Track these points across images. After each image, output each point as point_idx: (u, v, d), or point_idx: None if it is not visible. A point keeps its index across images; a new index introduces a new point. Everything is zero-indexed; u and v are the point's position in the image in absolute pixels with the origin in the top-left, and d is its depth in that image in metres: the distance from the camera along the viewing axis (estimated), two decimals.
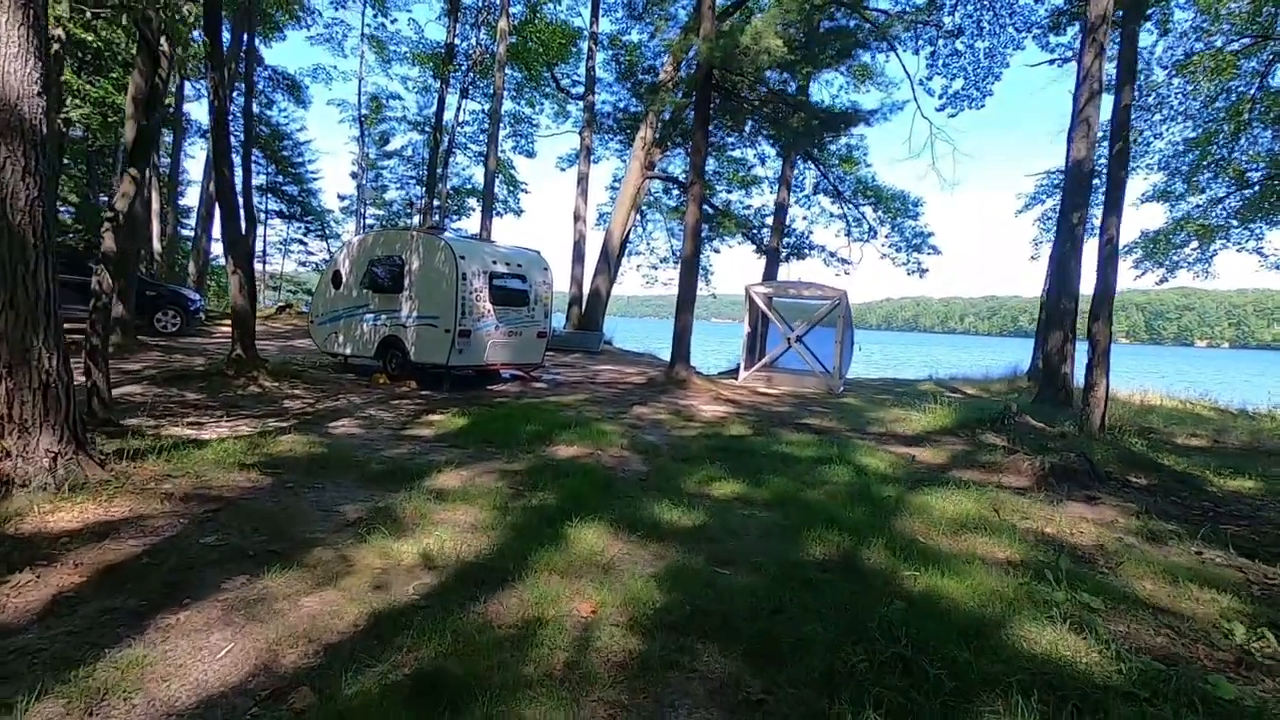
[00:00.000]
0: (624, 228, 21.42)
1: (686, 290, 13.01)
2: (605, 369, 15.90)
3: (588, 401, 10.36)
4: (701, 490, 5.63)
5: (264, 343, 17.11)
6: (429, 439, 6.96)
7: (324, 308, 12.26)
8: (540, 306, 11.88)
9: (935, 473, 6.75)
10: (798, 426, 9.09)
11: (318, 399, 9.11)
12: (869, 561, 4.16)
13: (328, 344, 12.20)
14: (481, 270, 10.72)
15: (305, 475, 4.92)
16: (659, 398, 11.18)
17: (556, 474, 5.60)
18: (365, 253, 11.67)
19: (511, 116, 26.47)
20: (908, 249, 24.52)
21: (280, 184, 33.98)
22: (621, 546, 4.13)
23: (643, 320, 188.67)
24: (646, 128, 21.23)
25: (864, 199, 24.56)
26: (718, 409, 10.35)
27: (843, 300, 13.39)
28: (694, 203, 12.88)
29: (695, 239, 12.98)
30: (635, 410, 9.75)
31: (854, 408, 11.36)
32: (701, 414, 9.77)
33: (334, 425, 7.35)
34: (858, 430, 8.99)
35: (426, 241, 10.79)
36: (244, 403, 8.43)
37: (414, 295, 10.81)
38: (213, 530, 3.67)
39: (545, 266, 12.15)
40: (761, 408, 10.85)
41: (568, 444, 6.94)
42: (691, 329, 13.09)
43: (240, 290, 9.73)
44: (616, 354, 20.81)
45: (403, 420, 7.94)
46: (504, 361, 11.38)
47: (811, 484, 6.00)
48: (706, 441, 7.63)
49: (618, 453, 6.85)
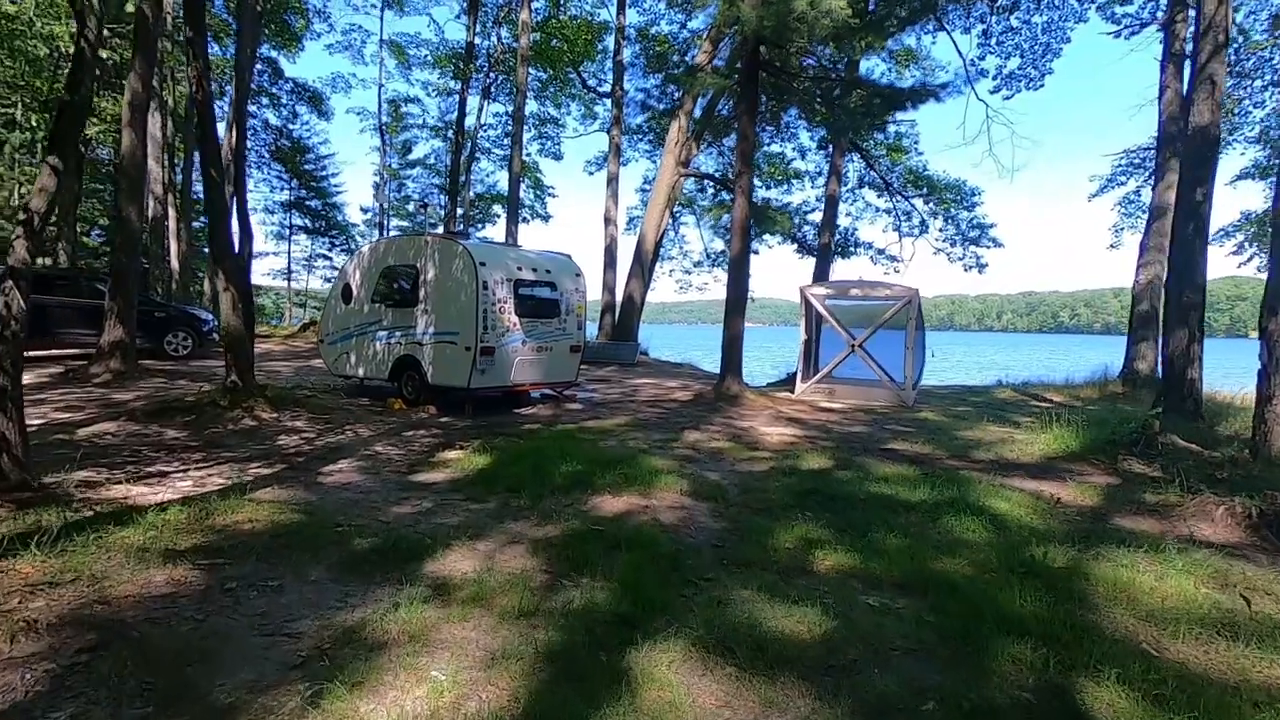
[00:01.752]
0: (658, 229, 20.02)
1: (736, 294, 11.52)
2: (644, 383, 14.47)
3: (630, 426, 8.93)
4: (801, 562, 4.15)
5: (282, 364, 16.09)
6: (441, 487, 5.59)
7: (334, 325, 11.06)
8: (573, 317, 10.51)
9: (1095, 522, 5.16)
10: (885, 453, 7.53)
11: (319, 433, 7.83)
12: (1101, 706, 2.65)
13: (338, 365, 10.99)
14: (505, 278, 9.39)
15: (261, 563, 3.56)
16: (711, 418, 9.70)
17: (604, 544, 4.18)
18: (376, 263, 10.43)
19: (536, 118, 25.38)
20: (963, 242, 22.72)
21: (305, 199, 33.39)
22: (715, 691, 2.67)
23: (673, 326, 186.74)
24: (679, 122, 19.83)
25: (914, 190, 22.81)
26: (782, 432, 8.84)
27: (914, 300, 11.77)
28: (742, 195, 11.40)
29: (744, 236, 11.49)
30: (687, 436, 8.29)
31: (939, 425, 9.73)
32: (765, 439, 8.27)
33: (329, 470, 6.03)
34: (960, 457, 7.40)
35: (442, 247, 9.50)
36: (231, 441, 7.18)
37: (430, 309, 9.52)
38: (70, 698, 2.32)
39: (577, 272, 10.78)
40: (832, 428, 9.30)
41: (613, 491, 5.51)
42: (743, 338, 11.59)
43: (234, 310, 8.53)
44: (654, 366, 19.38)
45: (412, 460, 6.59)
46: (533, 381, 10.02)
47: (942, 546, 4.48)
48: (784, 480, 6.13)
49: (676, 500, 5.40)
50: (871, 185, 23.73)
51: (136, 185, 12.34)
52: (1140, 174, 17.79)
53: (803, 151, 24.50)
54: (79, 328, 13.77)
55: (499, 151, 26.47)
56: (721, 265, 29.35)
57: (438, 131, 26.41)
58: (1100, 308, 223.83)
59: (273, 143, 29.73)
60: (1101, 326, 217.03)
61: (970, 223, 21.99)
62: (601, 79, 24.92)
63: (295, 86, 29.36)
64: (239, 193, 9.15)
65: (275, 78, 28.26)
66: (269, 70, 28.31)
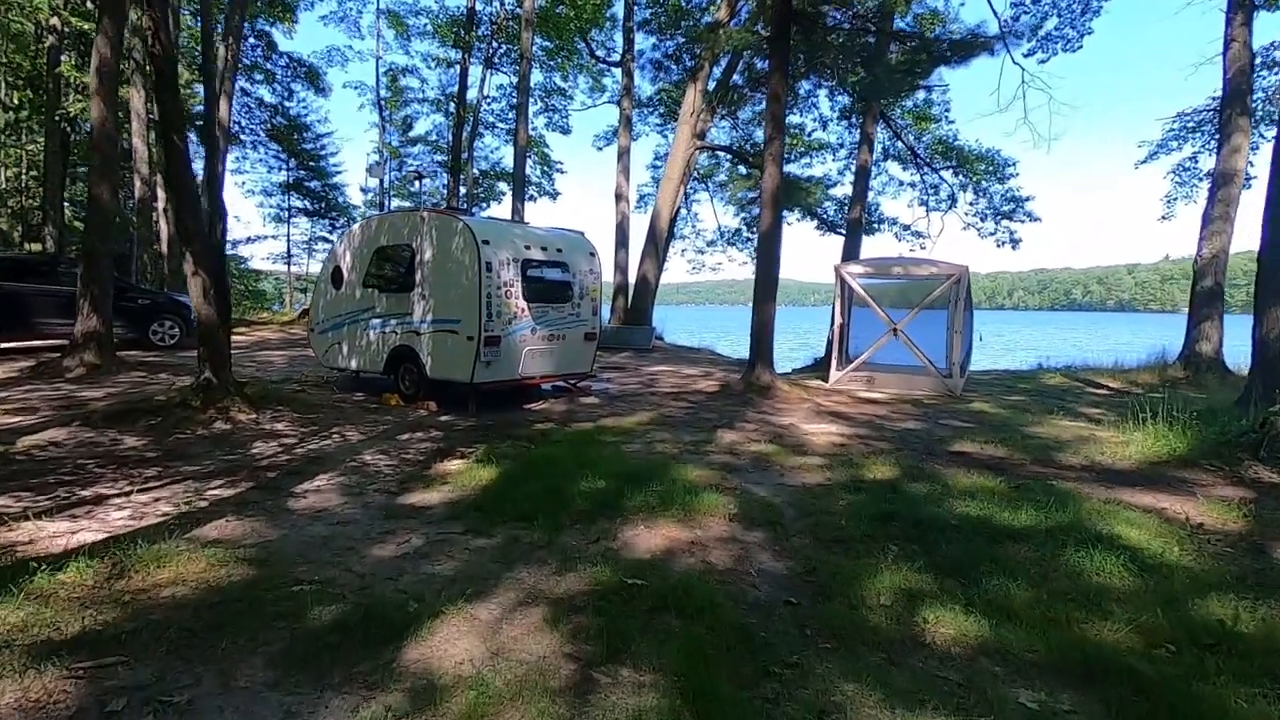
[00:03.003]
0: (673, 205, 18.85)
1: (766, 273, 10.40)
2: (663, 371, 13.42)
3: (655, 424, 7.89)
4: (909, 628, 3.11)
5: (277, 353, 15.12)
6: (436, 514, 4.57)
7: (324, 313, 10.05)
8: (587, 301, 9.45)
9: (1257, 557, 4.09)
10: (955, 458, 6.46)
11: (301, 438, 6.84)
12: None
13: (330, 357, 9.98)
14: (511, 258, 8.32)
15: (173, 657, 2.55)
16: (744, 414, 8.65)
17: (646, 604, 3.16)
18: (368, 243, 9.38)
19: (542, 90, 24.02)
20: (995, 216, 21.42)
21: (304, 180, 32.27)
22: None
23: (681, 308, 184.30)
24: (694, 92, 18.57)
25: (943, 161, 21.47)
26: (828, 430, 7.78)
27: (963, 277, 10.63)
28: (773, 163, 10.25)
29: (775, 209, 10.35)
30: (722, 436, 7.25)
31: (1000, 419, 8.65)
32: (812, 440, 7.22)
33: (302, 491, 5.03)
34: (1046, 462, 6.32)
35: (440, 224, 8.42)
36: (197, 450, 6.19)
37: (427, 294, 8.48)
38: None
39: (591, 251, 9.70)
40: (882, 424, 8.24)
41: (646, 517, 4.48)
42: (774, 323, 10.49)
43: (205, 297, 7.51)
44: (670, 351, 18.33)
45: (404, 474, 5.58)
46: (544, 373, 9.00)
47: (1081, 598, 3.44)
48: (850, 498, 5.08)
49: (725, 529, 4.38)
50: (896, 157, 22.39)
51: (109, 161, 11.28)
52: (1197, 138, 16.46)
53: (823, 122, 23.15)
54: (60, 318, 12.82)
55: (503, 125, 25.23)
56: (736, 244, 28.17)
57: (439, 105, 25.14)
58: (1114, 284, 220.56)
59: (268, 120, 28.54)
60: (1115, 303, 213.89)
61: (1004, 195, 20.67)
62: (611, 48, 23.59)
63: (290, 61, 28.11)
64: (211, 166, 8.10)
65: (269, 52, 27.04)
66: (263, 44, 27.10)
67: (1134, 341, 46.06)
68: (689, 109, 18.59)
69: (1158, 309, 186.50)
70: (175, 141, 7.31)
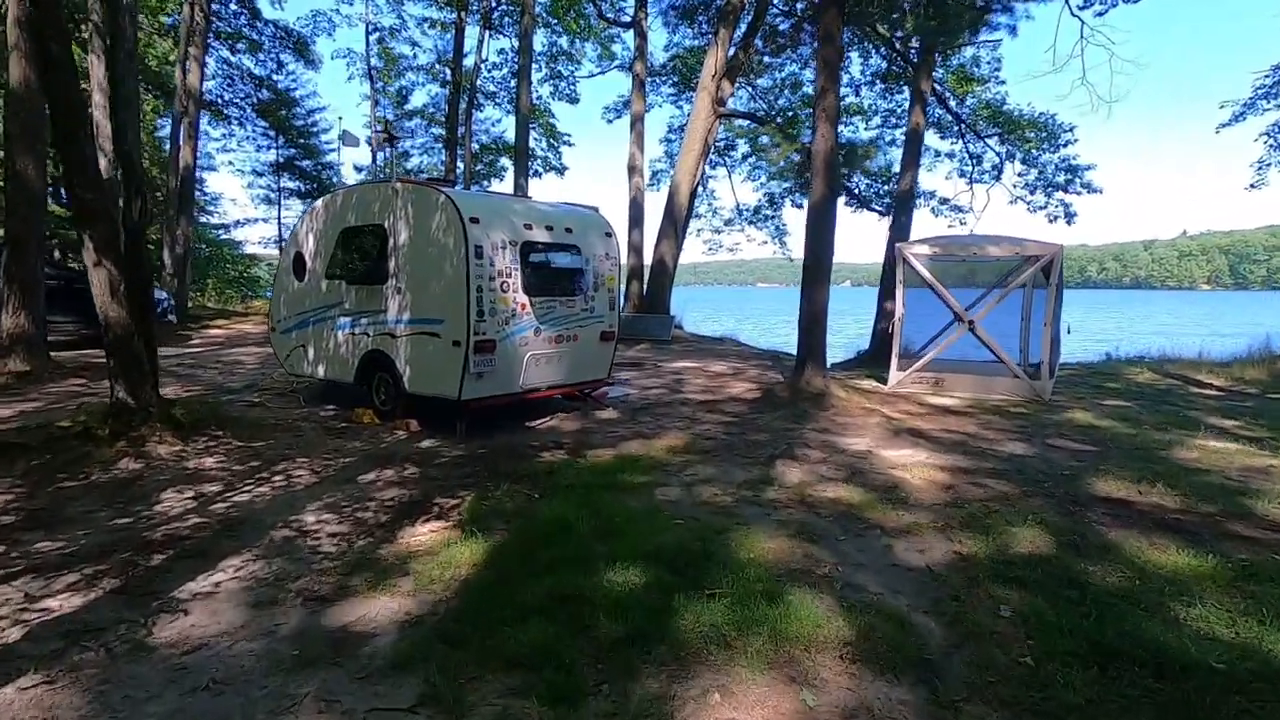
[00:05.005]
0: (693, 179, 17.00)
1: (817, 253, 8.61)
2: (687, 368, 11.68)
3: (693, 452, 6.18)
4: None
5: (252, 350, 13.32)
6: (378, 654, 2.88)
7: (285, 309, 8.35)
8: (604, 292, 7.71)
9: None
10: (1112, 510, 4.70)
11: (231, 482, 5.16)
12: None
13: (293, 362, 8.31)
14: (508, 240, 6.58)
15: None
16: (802, 432, 6.93)
17: None
18: (333, 222, 7.65)
19: (547, 55, 21.97)
20: (1047, 188, 19.39)
21: (295, 158, 30.45)
22: None
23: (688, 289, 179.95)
24: (717, 49, 16.61)
25: (990, 127, 19.42)
26: (916, 458, 6.04)
27: (1056, 259, 8.80)
28: (825, 121, 8.41)
29: (829, 175, 8.51)
30: (785, 472, 5.53)
31: (1122, 437, 6.88)
32: (903, 476, 5.48)
33: (190, 595, 3.36)
34: (1239, 516, 4.56)
35: (417, 197, 6.67)
36: (78, 508, 4.53)
37: (403, 286, 6.76)
38: None
39: (608, 231, 7.93)
40: (979, 446, 6.49)
41: (717, 667, 2.78)
42: (827, 313, 8.70)
43: (113, 295, 5.79)
44: (691, 342, 16.56)
45: (353, 554, 3.88)
46: (551, 384, 7.28)
47: None
48: (1012, 598, 3.35)
49: (848, 689, 2.67)
50: (935, 124, 20.31)
51: (33, 130, 9.57)
52: None
53: (855, 86, 21.06)
54: None
55: (506, 94, 23.10)
56: (756, 223, 26.27)
57: (434, 75, 23.05)
58: (1130, 261, 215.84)
59: (253, 94, 26.63)
60: (1131, 280, 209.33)
61: (1059, 164, 18.64)
62: (622, 8, 21.51)
63: (278, 30, 26.15)
64: (122, 125, 6.37)
65: (253, 18, 25.09)
66: (246, 11, 25.16)
67: (1179, 324, 43.52)
68: (710, 71, 16.64)
69: (1175, 286, 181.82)
70: (54, 53, 5.48)
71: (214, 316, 18.03)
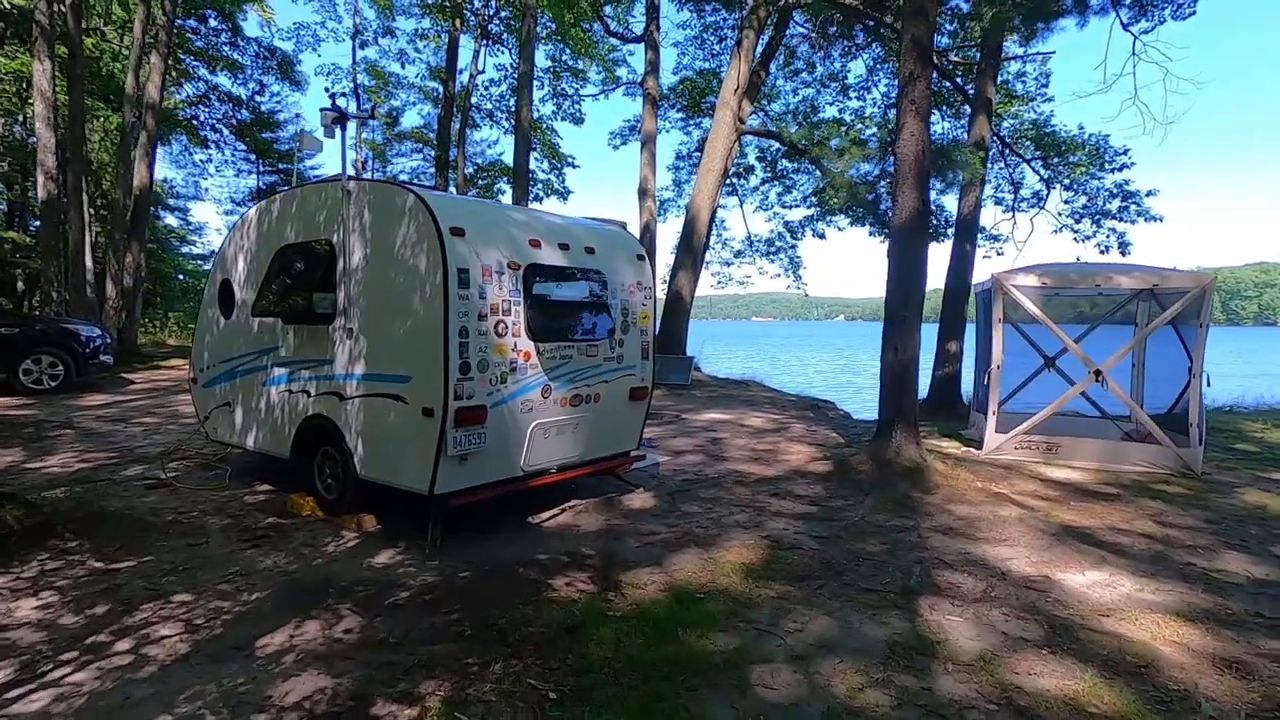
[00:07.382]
0: (713, 202, 15.17)
1: (904, 285, 6.65)
2: (719, 421, 9.64)
3: (781, 580, 4.11)
4: None
5: None
6: None
7: (209, 355, 6.30)
8: (635, 333, 5.71)
9: None
10: None
11: (49, 650, 3.06)
12: None
13: (215, 424, 6.23)
14: (506, 262, 4.58)
15: None
16: (921, 534, 4.87)
17: None
18: (266, 239, 5.65)
19: (550, 73, 20.30)
20: (1096, 216, 17.69)
21: (278, 186, 28.66)
22: None
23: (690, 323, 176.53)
24: (738, 64, 14.95)
25: (1034, 150, 17.80)
26: (1119, 588, 4.00)
27: (1207, 292, 6.88)
28: (914, 117, 6.55)
29: (920, 185, 6.60)
30: (939, 626, 3.48)
31: None
32: (1135, 636, 3.43)
33: None
34: None
35: (376, 199, 4.71)
36: None
37: (354, 326, 4.74)
38: None
39: (639, 253, 5.97)
40: (1192, 563, 4.46)
41: None
42: (918, 363, 6.71)
43: None
44: (712, 386, 14.53)
45: None
46: (564, 463, 5.20)
47: None
48: None
49: None
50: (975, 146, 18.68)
51: None
52: None
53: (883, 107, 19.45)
54: None
55: (503, 113, 21.38)
56: (768, 255, 24.41)
57: (426, 93, 21.35)
58: None
59: (230, 114, 24.89)
60: None
61: (1111, 189, 16.97)
62: (629, 22, 19.95)
63: (260, 49, 24.57)
64: None
65: (234, 35, 23.52)
66: (227, 28, 23.62)
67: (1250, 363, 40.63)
68: (731, 86, 14.96)
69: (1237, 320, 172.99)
70: None
71: (170, 355, 15.93)
